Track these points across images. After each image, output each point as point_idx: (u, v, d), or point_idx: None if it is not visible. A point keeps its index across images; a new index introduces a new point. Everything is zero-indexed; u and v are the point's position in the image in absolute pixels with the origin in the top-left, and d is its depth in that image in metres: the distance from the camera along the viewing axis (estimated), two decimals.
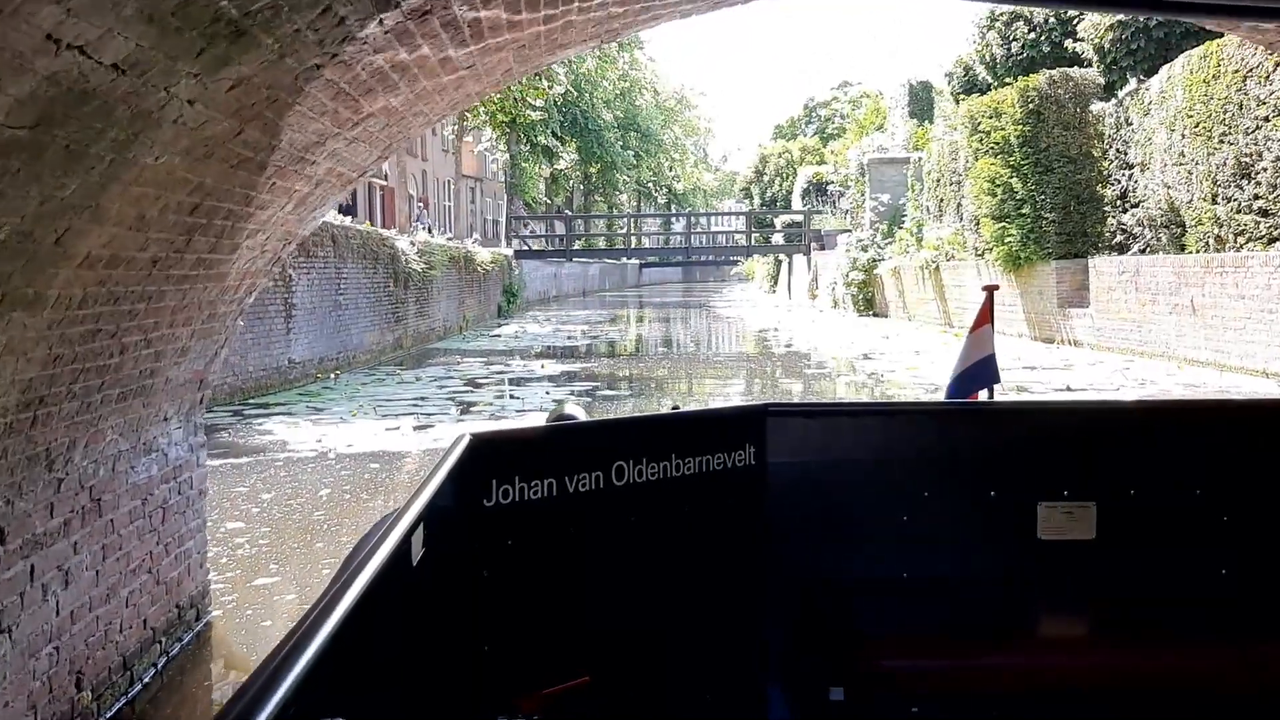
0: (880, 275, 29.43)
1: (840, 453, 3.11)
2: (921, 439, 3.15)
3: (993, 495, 2.99)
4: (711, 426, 3.03)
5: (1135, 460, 3.02)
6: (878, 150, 34.07)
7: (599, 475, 2.73)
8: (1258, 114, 14.51)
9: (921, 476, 3.04)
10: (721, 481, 2.92)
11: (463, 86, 4.25)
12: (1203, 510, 2.94)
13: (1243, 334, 13.79)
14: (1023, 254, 20.02)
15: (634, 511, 2.80)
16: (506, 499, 2.60)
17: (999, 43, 23.89)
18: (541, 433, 2.89)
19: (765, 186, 55.19)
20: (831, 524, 3.06)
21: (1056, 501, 2.93)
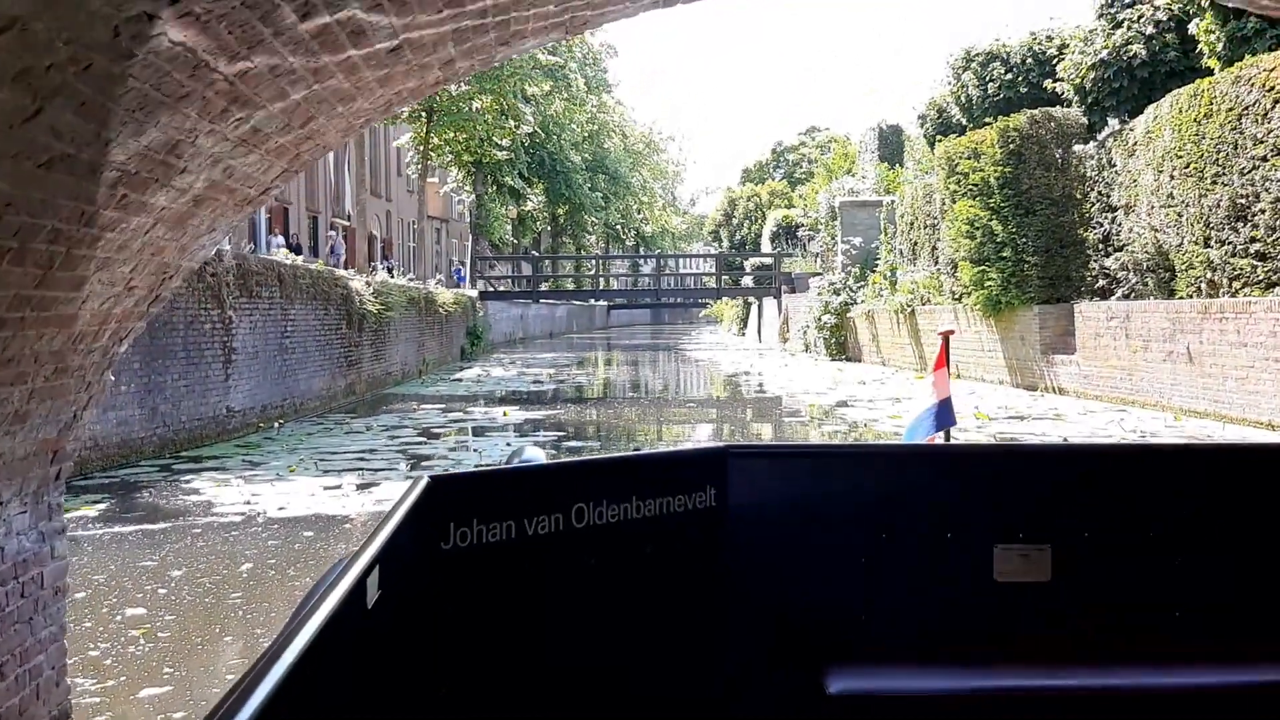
0: (853, 319, 28.73)
1: (800, 494, 3.10)
2: (880, 481, 3.13)
3: (950, 537, 2.98)
4: (672, 468, 3.03)
5: (1089, 503, 3.03)
6: (848, 193, 33.53)
7: (558, 517, 2.69)
8: (1254, 153, 13.89)
9: (880, 518, 3.03)
10: (682, 523, 2.90)
11: (392, 81, 3.34)
12: (1155, 553, 2.95)
13: (1245, 384, 13.07)
14: (1004, 298, 19.32)
15: (594, 553, 2.76)
16: (465, 541, 2.57)
17: (975, 83, 23.38)
18: (500, 475, 2.87)
19: (734, 230, 54.70)
20: (791, 566, 3.04)
21: (1012, 544, 2.94)
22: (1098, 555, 2.97)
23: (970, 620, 2.99)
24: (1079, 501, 3.03)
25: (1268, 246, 13.78)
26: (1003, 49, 23.39)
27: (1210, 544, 2.98)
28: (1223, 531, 2.99)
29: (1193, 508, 3.01)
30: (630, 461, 3.23)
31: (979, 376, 20.88)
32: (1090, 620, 2.96)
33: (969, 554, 2.98)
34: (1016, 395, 18.14)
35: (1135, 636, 2.90)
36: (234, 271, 13.08)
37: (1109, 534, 2.98)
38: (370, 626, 2.02)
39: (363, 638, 1.99)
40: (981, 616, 2.98)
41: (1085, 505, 3.03)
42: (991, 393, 18.74)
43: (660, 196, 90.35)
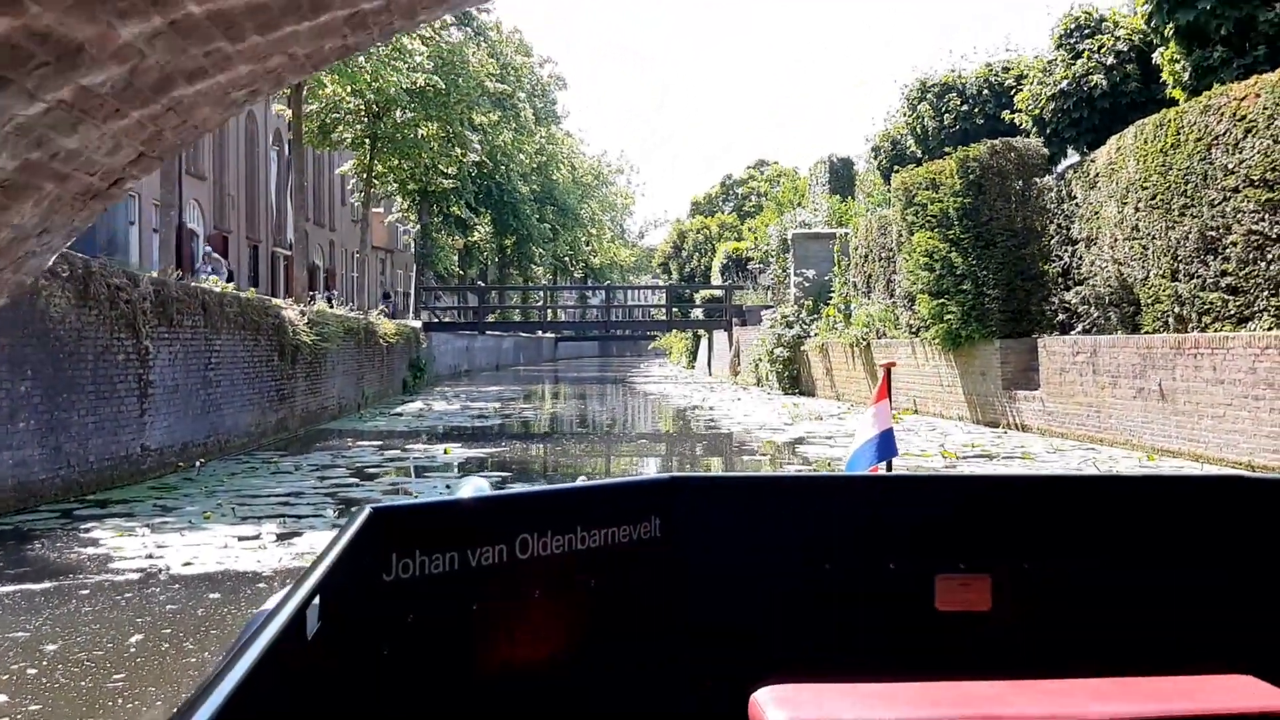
0: (807, 352, 28.15)
1: (745, 524, 3.08)
2: (823, 511, 3.12)
3: (892, 567, 3.00)
4: (617, 498, 3.01)
5: (1027, 532, 3.04)
6: (800, 225, 33.08)
7: (502, 548, 2.68)
8: (1225, 184, 13.46)
9: (823, 548, 3.04)
10: (627, 554, 2.89)
11: (276, 34, 2.52)
12: (1091, 581, 2.99)
13: (1222, 422, 12.54)
14: (964, 332, 18.79)
15: (538, 585, 2.74)
16: (407, 573, 2.52)
17: (931, 114, 23.00)
18: (443, 506, 2.84)
19: (684, 262, 54.18)
20: (736, 596, 3.03)
21: (953, 573, 2.96)
22: (1036, 584, 2.98)
23: (912, 649, 2.97)
24: (1017, 531, 3.05)
25: (1240, 280, 13.33)
26: (958, 80, 23.05)
27: (1145, 573, 3.01)
28: (1158, 560, 3.02)
29: (1128, 537, 3.04)
30: (575, 492, 3.08)
31: (937, 412, 20.32)
32: (1029, 650, 2.96)
33: (911, 583, 2.98)
34: (979, 432, 17.56)
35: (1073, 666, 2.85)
36: (151, 299, 12.09)
37: (1047, 563, 3.00)
38: (310, 659, 2.02)
39: (302, 670, 1.98)
40: (923, 646, 2.98)
41: (1023, 534, 3.04)
42: (953, 429, 18.16)
43: (609, 229, 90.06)
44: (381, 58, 25.98)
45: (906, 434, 17.23)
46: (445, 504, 2.87)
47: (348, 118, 33.44)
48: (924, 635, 2.99)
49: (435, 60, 34.55)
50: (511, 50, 57.93)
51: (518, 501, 3.12)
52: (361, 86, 26.78)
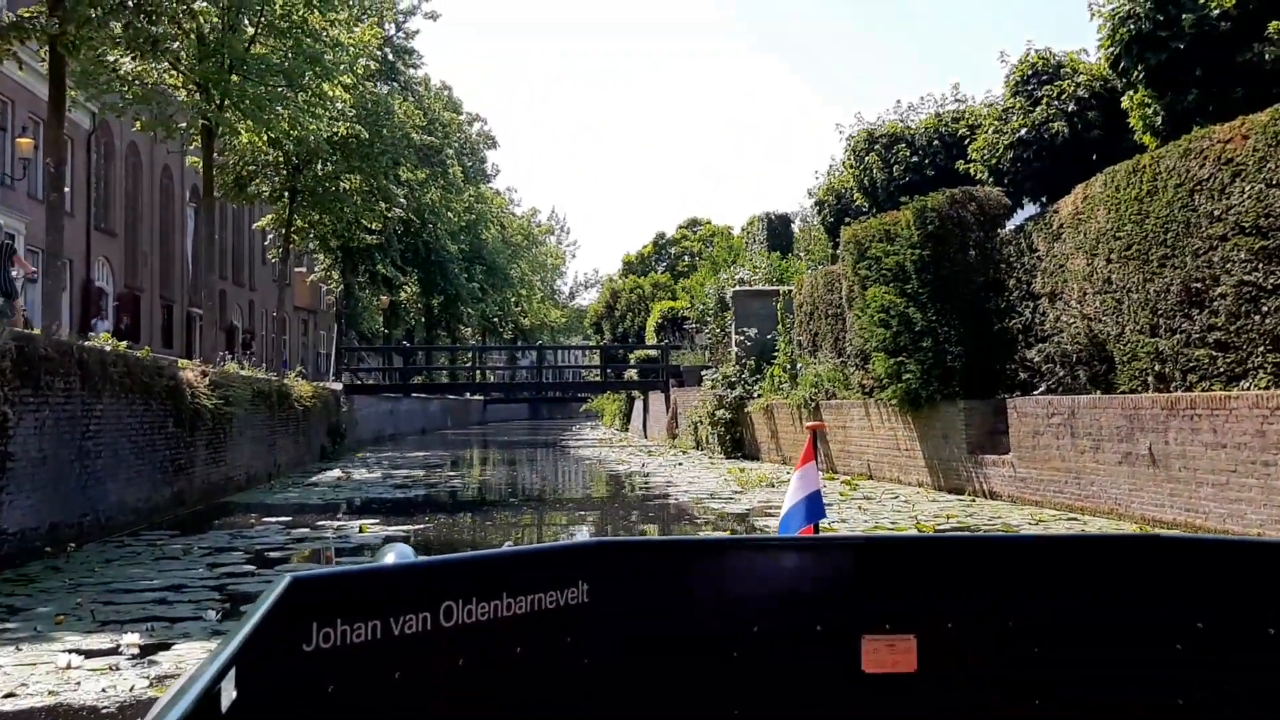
0: (750, 414, 26.86)
1: (672, 589, 3.02)
2: (750, 574, 3.08)
3: (819, 629, 2.99)
4: (543, 564, 2.95)
5: (952, 593, 3.03)
6: (739, 283, 32.02)
7: (426, 616, 2.61)
8: (1211, 233, 12.48)
9: (751, 611, 3.01)
10: (553, 620, 2.84)
11: None
12: (1014, 642, 2.99)
13: (1225, 490, 11.39)
14: (924, 392, 17.62)
15: (463, 653, 2.68)
16: (328, 642, 2.45)
17: (879, 165, 22.07)
18: (365, 574, 2.72)
19: (617, 322, 52.93)
20: (663, 660, 2.98)
21: (879, 635, 2.96)
22: (962, 644, 2.98)
23: (839, 712, 2.98)
24: (944, 591, 3.04)
25: (1230, 335, 12.29)
26: (907, 130, 22.19)
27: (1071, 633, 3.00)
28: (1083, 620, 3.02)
29: (1054, 596, 3.04)
30: (501, 558, 2.96)
31: (895, 478, 19.07)
32: (954, 711, 2.98)
33: (837, 645, 2.97)
34: (944, 500, 16.31)
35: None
36: (12, 356, 10.35)
37: (971, 623, 3.00)
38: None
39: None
40: (850, 708, 2.97)
41: (950, 594, 3.03)
42: (915, 497, 16.89)
43: (539, 289, 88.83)
44: (300, 104, 24.46)
45: (871, 505, 15.91)
46: (367, 571, 2.79)
47: (266, 170, 31.82)
48: (851, 697, 3.00)
49: (359, 109, 33.11)
50: (440, 106, 56.73)
51: (442, 568, 2.97)
52: (279, 135, 25.18)
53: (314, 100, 28.68)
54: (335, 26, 29.24)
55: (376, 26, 39.15)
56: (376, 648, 2.53)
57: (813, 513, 4.49)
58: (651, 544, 4.08)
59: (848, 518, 14.24)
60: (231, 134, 26.83)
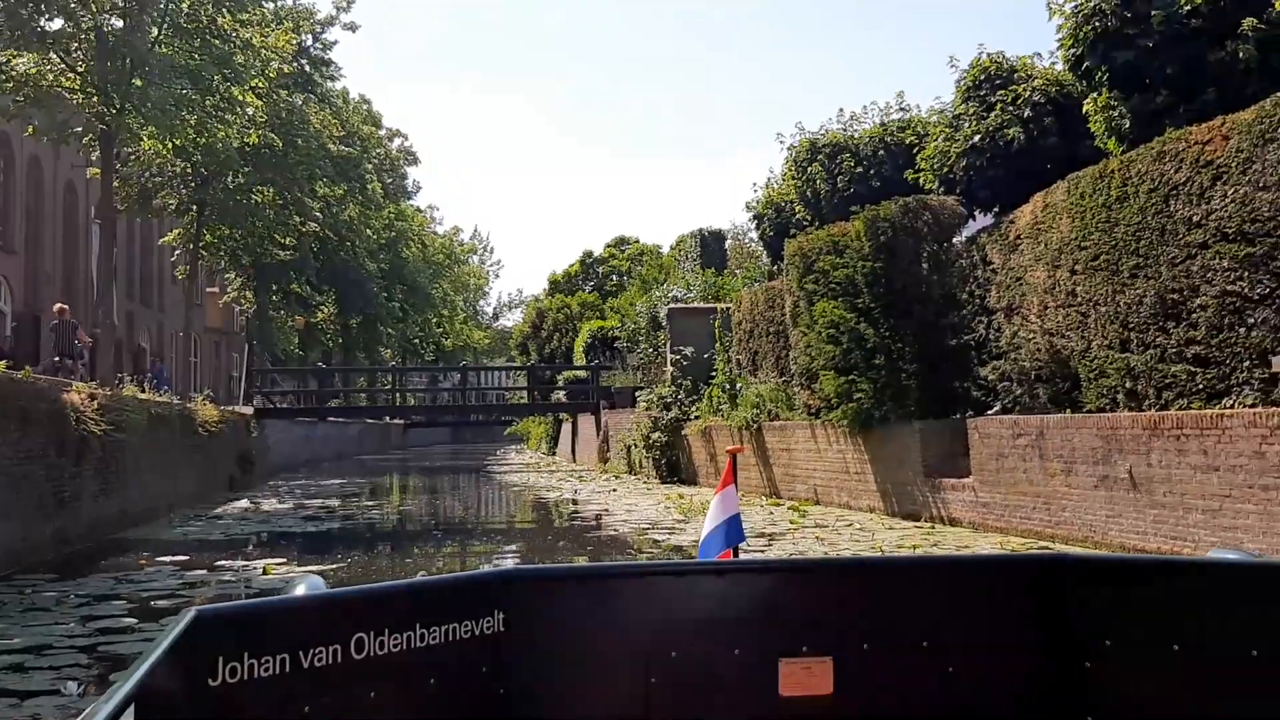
0: (688, 436, 25.74)
1: (588, 616, 3.02)
2: (669, 599, 3.08)
3: (737, 653, 3.01)
4: (457, 594, 2.92)
5: (868, 615, 3.08)
6: (673, 300, 30.97)
7: (337, 649, 2.56)
8: (1190, 240, 11.69)
9: (669, 637, 3.01)
10: (467, 650, 2.82)
11: None
12: (926, 663, 3.03)
13: (1218, 516, 10.51)
14: (877, 413, 16.65)
15: (374, 686, 2.62)
16: (234, 677, 2.39)
17: (823, 176, 21.18)
18: (273, 606, 2.67)
19: (544, 342, 51.54)
20: (580, 688, 2.97)
21: (796, 657, 2.99)
22: (877, 667, 3.01)
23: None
24: (859, 614, 3.08)
25: (1211, 350, 11.49)
26: (851, 140, 21.35)
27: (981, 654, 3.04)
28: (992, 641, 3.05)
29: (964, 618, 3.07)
30: (414, 589, 2.88)
31: (844, 503, 18.07)
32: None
33: (755, 669, 2.98)
34: (901, 527, 15.31)
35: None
36: None
37: (885, 645, 3.03)
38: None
39: None
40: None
41: (865, 618, 3.07)
42: (868, 522, 15.88)
43: (462, 309, 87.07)
44: (208, 109, 22.88)
45: (826, 533, 14.85)
46: (275, 604, 2.70)
47: (172, 181, 30.03)
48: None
49: (272, 117, 31.46)
50: (359, 120, 55.03)
51: (353, 599, 2.86)
52: (185, 143, 23.54)
53: (223, 106, 27.05)
54: (246, 28, 27.59)
55: (292, 33, 37.49)
56: (285, 682, 2.48)
57: (732, 537, 4.47)
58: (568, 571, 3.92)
59: (805, 549, 13.15)
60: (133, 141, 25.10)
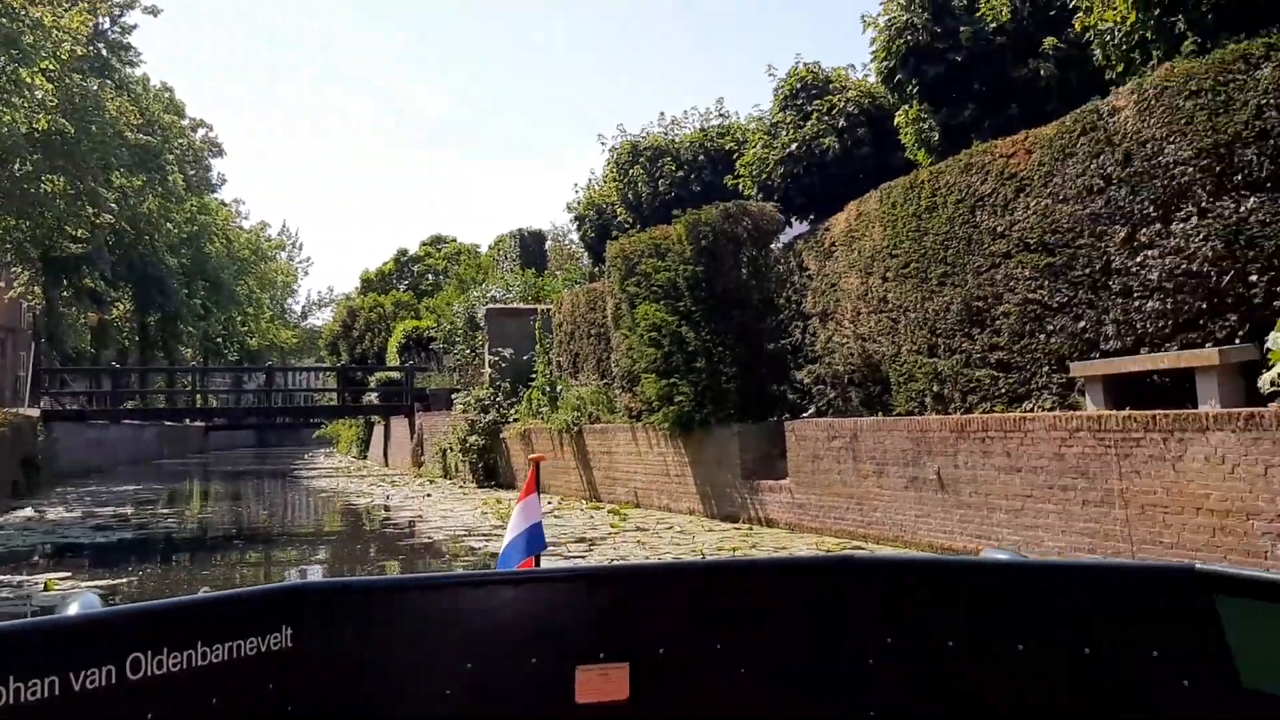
0: (506, 440, 25.36)
1: (381, 631, 2.96)
2: (464, 611, 3.07)
3: (534, 662, 3.02)
4: (241, 610, 2.81)
5: (663, 620, 3.12)
6: (492, 301, 30.53)
7: (111, 670, 2.46)
8: (994, 249, 12.17)
9: (466, 648, 3.01)
10: (254, 668, 2.72)
11: None
12: (722, 664, 3.10)
13: (1020, 515, 10.94)
14: (697, 416, 16.74)
15: (152, 708, 2.53)
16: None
17: (644, 179, 21.22)
18: (42, 626, 2.57)
19: (355, 342, 50.06)
20: (372, 706, 2.93)
21: (593, 664, 3.01)
22: (673, 671, 3.07)
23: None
24: (656, 619, 3.11)
25: (1013, 355, 11.98)
26: (671, 144, 21.47)
27: (774, 655, 3.13)
28: (784, 642, 3.14)
29: (757, 620, 3.15)
30: (194, 605, 2.77)
31: (664, 505, 18.10)
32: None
33: (551, 677, 2.99)
34: (720, 529, 15.41)
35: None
36: None
37: (681, 648, 3.08)
38: None
39: None
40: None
41: (662, 623, 3.11)
42: (688, 525, 15.92)
43: (268, 308, 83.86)
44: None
45: (647, 537, 14.80)
46: (44, 624, 2.59)
47: None
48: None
49: (64, 101, 29.43)
50: (160, 108, 52.24)
51: (128, 618, 2.71)
52: None
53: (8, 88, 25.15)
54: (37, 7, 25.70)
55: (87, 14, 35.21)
56: (54, 706, 2.41)
57: (533, 545, 4.45)
58: (358, 585, 3.83)
59: (626, 554, 13.05)
60: None
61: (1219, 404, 9.20)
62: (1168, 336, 10.16)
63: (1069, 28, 12.77)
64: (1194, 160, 9.82)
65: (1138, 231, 10.40)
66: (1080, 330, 11.05)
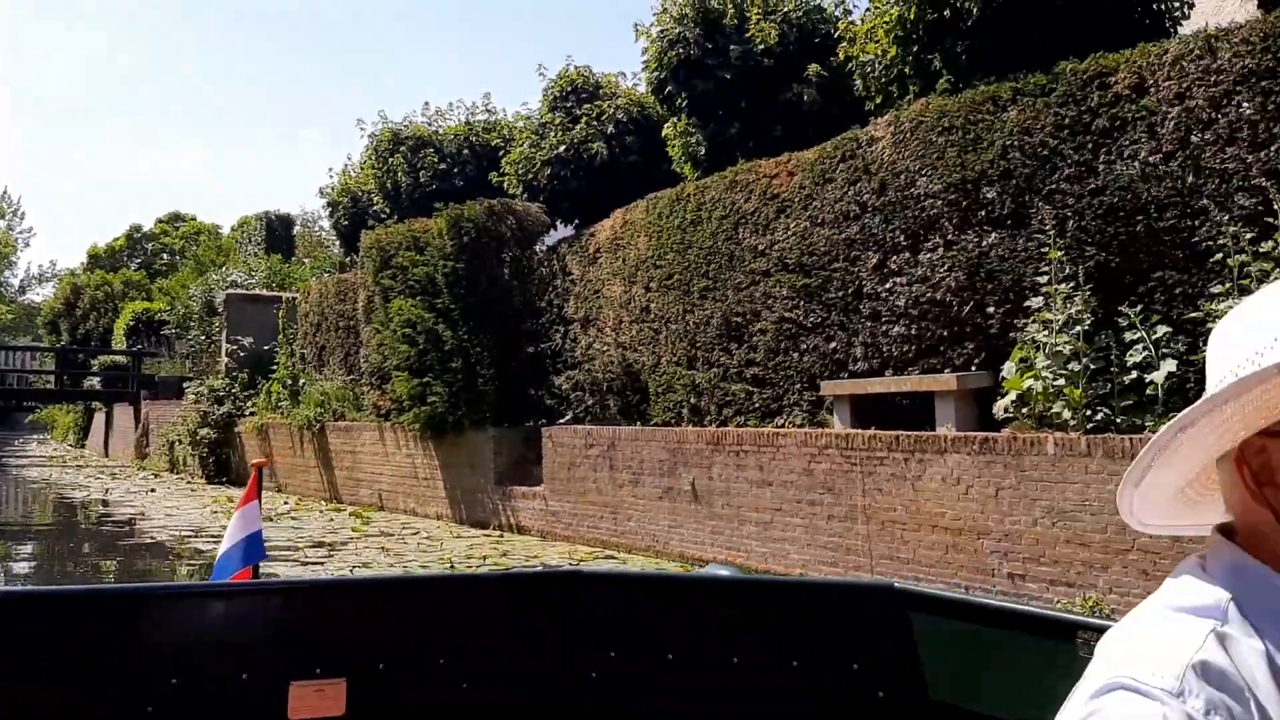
0: (241, 434, 23.93)
1: (84, 644, 2.79)
2: (174, 624, 2.96)
3: (245, 678, 2.91)
4: None
5: (385, 634, 3.07)
6: (233, 286, 28.82)
7: None
8: (754, 267, 12.42)
9: (173, 663, 2.86)
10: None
11: None
12: (444, 680, 3.07)
13: (769, 529, 11.16)
14: (451, 418, 16.27)
15: None
16: None
17: (405, 169, 20.51)
18: None
19: (78, 322, 46.23)
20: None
21: (309, 680, 2.94)
22: (392, 686, 3.03)
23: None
24: (376, 633, 3.07)
25: (768, 371, 12.27)
26: (435, 135, 20.86)
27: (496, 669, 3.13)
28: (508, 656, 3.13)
29: (479, 634, 3.14)
30: None
31: (411, 509, 17.51)
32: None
33: (263, 693, 2.89)
34: (469, 536, 15.01)
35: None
36: None
37: (401, 663, 3.05)
38: None
39: None
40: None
41: (381, 636, 3.06)
42: (436, 531, 15.44)
43: None
44: None
45: (392, 543, 14.21)
46: None
47: None
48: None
49: None
50: None
51: None
52: None
53: None
54: None
55: None
56: None
57: (251, 554, 4.32)
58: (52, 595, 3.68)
59: (369, 560, 12.46)
60: None
61: (955, 427, 9.66)
62: (911, 361, 10.62)
63: (833, 56, 13.20)
64: (943, 194, 10.30)
65: (888, 259, 10.83)
66: (831, 350, 11.40)
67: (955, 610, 2.88)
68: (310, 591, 3.36)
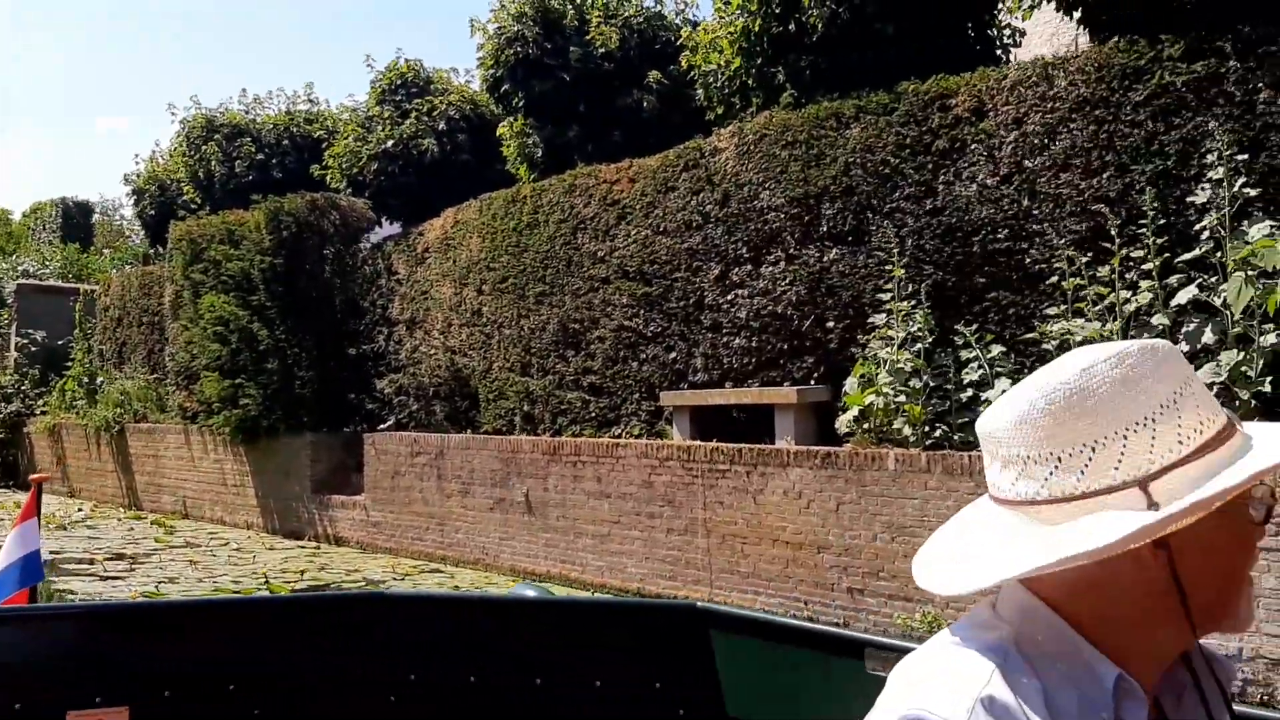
0: (31, 435, 22.15)
1: None
2: None
3: (18, 708, 2.78)
4: None
5: (172, 660, 3.00)
6: (24, 275, 26.73)
7: None
8: (593, 273, 12.17)
9: None
10: None
11: None
12: (231, 709, 2.98)
13: (607, 542, 10.90)
14: (265, 422, 15.38)
15: None
16: None
17: (219, 158, 19.36)
18: None
19: None
20: None
21: (88, 709, 2.84)
22: (178, 712, 2.95)
23: None
24: (162, 659, 2.99)
25: (605, 380, 12.04)
26: (253, 124, 19.79)
27: (293, 690, 3.05)
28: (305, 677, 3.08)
29: (274, 656, 3.08)
30: None
31: (219, 518, 16.49)
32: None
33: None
34: (284, 547, 14.20)
35: None
36: None
37: (190, 689, 2.95)
38: None
39: None
40: None
41: (168, 662, 2.99)
42: (247, 542, 14.56)
43: None
44: None
45: (201, 556, 13.28)
46: None
47: None
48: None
49: None
50: None
51: None
52: None
53: None
54: None
55: None
56: None
57: (28, 576, 4.11)
58: None
59: (177, 575, 11.59)
60: None
61: (794, 440, 9.64)
62: (751, 373, 10.57)
63: (674, 64, 13.09)
64: (786, 208, 10.29)
65: (730, 270, 10.75)
66: (671, 361, 11.25)
67: (754, 629, 2.94)
68: (91, 616, 3.25)
